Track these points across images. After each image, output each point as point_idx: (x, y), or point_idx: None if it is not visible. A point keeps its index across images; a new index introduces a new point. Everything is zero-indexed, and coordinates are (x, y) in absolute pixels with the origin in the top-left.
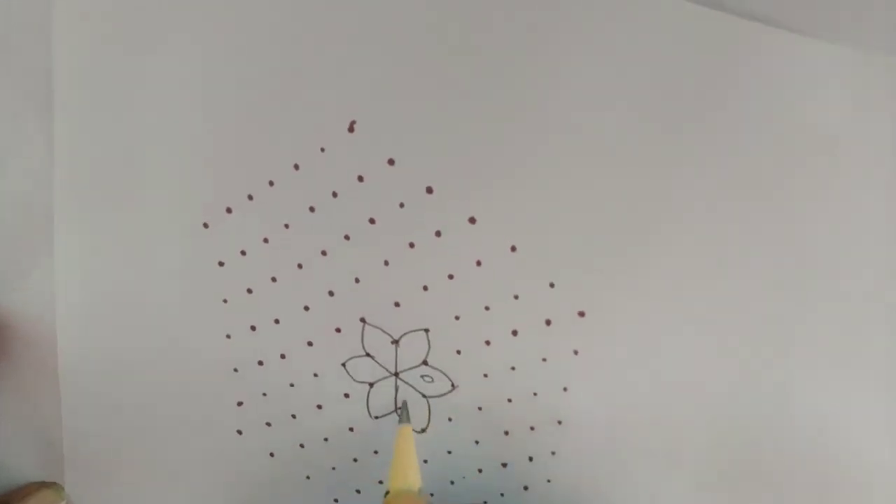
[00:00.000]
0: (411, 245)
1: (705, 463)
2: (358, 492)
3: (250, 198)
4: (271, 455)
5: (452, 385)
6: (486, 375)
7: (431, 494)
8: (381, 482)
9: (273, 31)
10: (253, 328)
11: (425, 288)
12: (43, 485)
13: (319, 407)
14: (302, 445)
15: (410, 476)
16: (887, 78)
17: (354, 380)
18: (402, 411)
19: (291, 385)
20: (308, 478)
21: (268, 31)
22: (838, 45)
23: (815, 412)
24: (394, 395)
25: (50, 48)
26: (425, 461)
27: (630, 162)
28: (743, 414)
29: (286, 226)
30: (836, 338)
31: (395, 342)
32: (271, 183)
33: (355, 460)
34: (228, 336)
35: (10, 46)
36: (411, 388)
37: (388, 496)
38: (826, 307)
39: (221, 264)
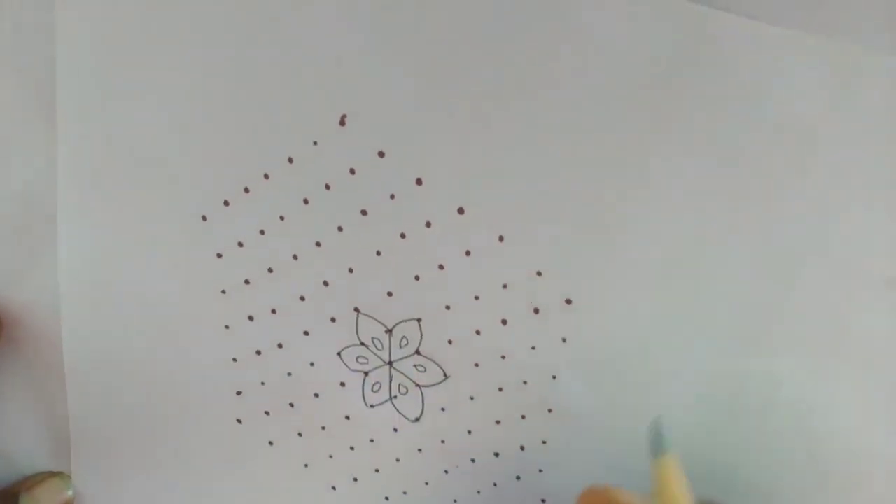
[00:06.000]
0: (402, 235)
1: (693, 449)
2: (355, 480)
3: (247, 190)
4: (270, 444)
5: (444, 375)
6: (476, 365)
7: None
8: (377, 470)
9: (267, 27)
10: (251, 318)
11: (417, 278)
12: (50, 474)
13: (316, 395)
14: (300, 434)
15: None
16: (861, 68)
17: (349, 369)
18: (654, 438)
19: (289, 374)
20: (306, 466)
21: (262, 28)
22: (811, 35)
23: (801, 397)
24: (388, 384)
25: (53, 45)
26: (419, 450)
27: (614, 153)
28: (729, 399)
29: (281, 217)
30: (820, 322)
31: (389, 331)
32: (266, 176)
33: (352, 448)
34: (227, 327)
35: (15, 43)
36: (405, 377)
37: None
38: (810, 291)
39: (220, 256)
